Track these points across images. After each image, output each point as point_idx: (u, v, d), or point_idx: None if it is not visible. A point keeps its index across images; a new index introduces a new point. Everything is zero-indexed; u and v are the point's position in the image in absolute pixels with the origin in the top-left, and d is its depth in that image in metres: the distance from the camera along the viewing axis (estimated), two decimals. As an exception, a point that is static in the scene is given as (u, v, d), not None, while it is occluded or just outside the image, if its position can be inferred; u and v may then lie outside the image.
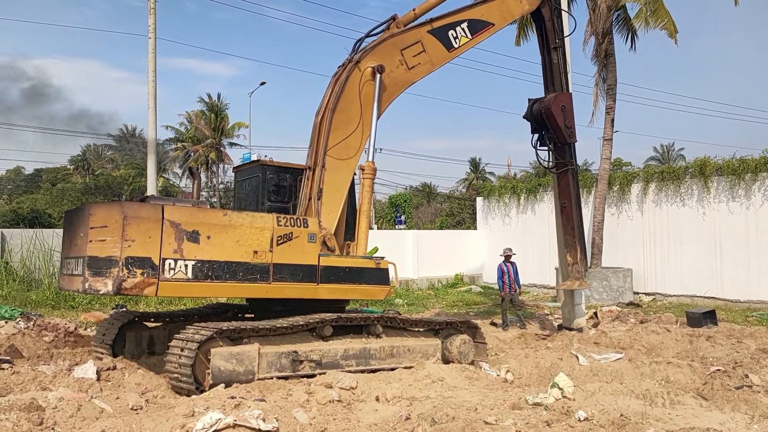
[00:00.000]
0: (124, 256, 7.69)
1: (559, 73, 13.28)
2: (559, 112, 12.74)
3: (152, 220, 7.95)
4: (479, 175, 67.90)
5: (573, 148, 13.43)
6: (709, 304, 17.79)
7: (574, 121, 13.10)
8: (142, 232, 7.85)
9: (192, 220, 8.28)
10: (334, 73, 10.86)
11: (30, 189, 54.41)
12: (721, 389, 7.91)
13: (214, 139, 54.78)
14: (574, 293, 13.65)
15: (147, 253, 7.85)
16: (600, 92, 22.11)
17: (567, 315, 14.05)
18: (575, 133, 13.11)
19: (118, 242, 7.70)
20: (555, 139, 13.15)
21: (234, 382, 7.78)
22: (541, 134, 13.40)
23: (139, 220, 7.87)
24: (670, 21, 20.88)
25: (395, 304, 18.62)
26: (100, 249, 7.76)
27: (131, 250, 7.74)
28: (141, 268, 7.79)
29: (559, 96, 12.93)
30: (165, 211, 8.09)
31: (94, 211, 8.05)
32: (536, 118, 13.14)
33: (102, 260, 7.72)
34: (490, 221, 27.07)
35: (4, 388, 7.56)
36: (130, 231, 7.77)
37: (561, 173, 13.40)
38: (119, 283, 7.65)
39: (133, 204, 8.30)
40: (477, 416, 6.44)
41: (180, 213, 8.25)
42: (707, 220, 19.75)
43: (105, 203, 9.16)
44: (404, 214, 45.84)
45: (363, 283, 9.86)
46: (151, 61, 20.07)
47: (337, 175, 10.17)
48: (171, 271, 8.00)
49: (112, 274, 7.66)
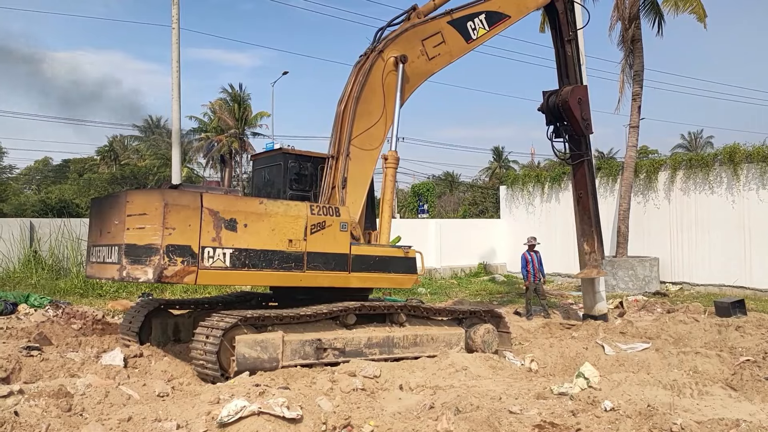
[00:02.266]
0: (165, 244, 7.63)
1: (574, 66, 13.47)
2: (576, 105, 12.94)
3: (192, 208, 7.89)
4: (502, 163, 67.40)
5: (588, 139, 13.68)
6: (738, 294, 17.52)
7: (590, 113, 13.32)
8: (182, 219, 7.79)
9: (230, 208, 8.25)
10: (356, 62, 10.81)
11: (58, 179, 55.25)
12: (750, 380, 7.77)
13: (237, 129, 55.07)
14: (594, 281, 13.90)
15: (187, 241, 7.79)
16: (626, 78, 21.77)
17: (588, 303, 14.31)
18: (591, 125, 13.39)
19: (159, 230, 7.63)
20: (571, 131, 13.37)
21: (258, 370, 7.83)
22: (556, 126, 13.59)
23: (179, 208, 7.81)
24: (699, 5, 20.49)
25: (418, 293, 18.60)
26: (139, 237, 7.75)
27: (172, 238, 7.68)
28: (181, 256, 7.75)
29: (576, 89, 13.07)
30: (204, 199, 8.04)
31: (131, 198, 8.04)
32: (552, 110, 13.34)
33: (141, 248, 7.71)
34: (513, 210, 26.86)
35: (34, 374, 7.69)
36: (171, 219, 7.70)
37: (577, 164, 13.64)
38: (160, 271, 7.60)
39: (173, 191, 8.21)
40: (501, 405, 6.39)
41: (218, 201, 8.21)
42: (736, 208, 19.39)
43: (143, 190, 9.15)
44: (427, 203, 45.70)
45: (392, 271, 9.85)
46: (174, 51, 20.16)
47: (361, 164, 10.15)
48: (210, 259, 7.98)
49: (153, 262, 7.63)
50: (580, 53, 13.73)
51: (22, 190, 54.01)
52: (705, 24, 20.74)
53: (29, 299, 13.75)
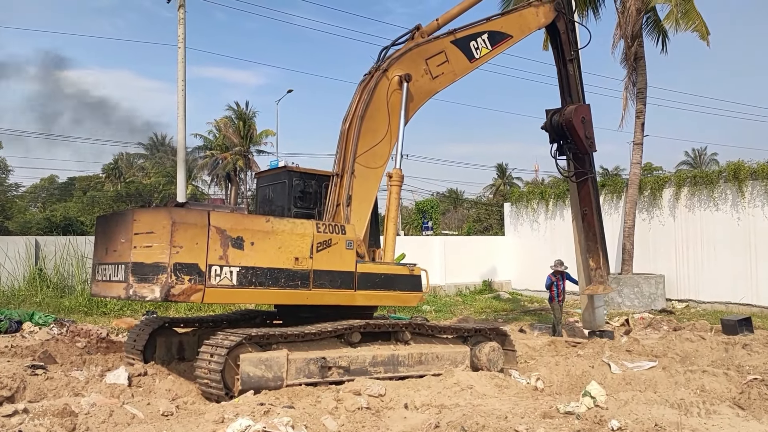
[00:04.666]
0: (173, 263, 7.62)
1: (576, 85, 13.63)
2: (580, 124, 13.08)
3: (199, 226, 7.90)
4: (506, 180, 67.46)
5: (592, 156, 13.80)
6: (745, 311, 17.40)
7: (594, 131, 13.44)
8: (189, 238, 7.79)
9: (237, 226, 8.25)
10: (360, 80, 10.91)
11: (63, 197, 55.51)
12: (758, 398, 7.71)
13: (242, 147, 55.34)
14: (593, 297, 13.92)
15: (194, 260, 7.79)
16: (630, 96, 21.78)
17: (587, 318, 14.35)
18: (595, 144, 13.52)
19: (167, 248, 7.62)
20: (575, 149, 13.48)
21: (263, 389, 7.79)
22: (560, 144, 13.73)
23: (187, 226, 7.81)
24: (701, 23, 20.55)
25: (423, 310, 18.54)
26: (146, 255, 7.74)
27: (179, 256, 7.67)
28: (188, 274, 7.74)
29: (579, 108, 13.19)
30: (211, 217, 8.04)
31: (138, 216, 8.05)
32: (556, 129, 13.47)
33: (148, 266, 7.71)
34: (518, 227, 26.82)
35: (38, 393, 7.67)
36: (178, 237, 7.70)
37: (581, 182, 13.75)
38: (167, 289, 7.59)
39: (180, 210, 8.23)
40: (507, 425, 6.35)
41: (225, 219, 8.22)
42: (742, 225, 19.32)
43: (149, 209, 9.14)
44: (431, 220, 45.70)
45: (397, 289, 9.85)
46: (180, 70, 20.37)
47: (366, 182, 10.19)
48: (217, 277, 7.97)
49: (160, 280, 7.62)
50: (581, 72, 13.83)
51: (28, 207, 54.24)
52: (708, 42, 20.78)
53: (34, 317, 13.77)
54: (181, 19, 20.66)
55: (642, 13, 20.89)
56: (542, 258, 23.88)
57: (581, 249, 14.25)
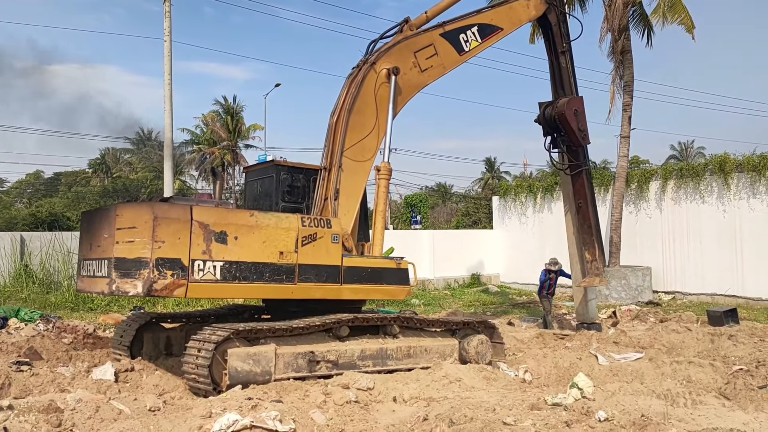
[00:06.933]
0: (155, 258, 7.59)
1: (569, 77, 13.55)
2: (573, 116, 13.00)
3: (182, 221, 7.86)
4: (495, 174, 67.62)
5: (585, 149, 13.72)
6: (730, 303, 17.56)
7: (587, 123, 13.36)
8: (171, 232, 7.76)
9: (220, 220, 8.21)
10: (348, 74, 10.85)
11: (49, 193, 55.02)
12: (743, 389, 7.78)
13: (230, 142, 55.02)
14: (587, 289, 13.91)
15: (177, 254, 7.76)
16: (617, 89, 21.89)
17: (581, 311, 14.36)
18: (588, 136, 13.44)
19: (149, 243, 7.59)
20: (568, 142, 13.42)
21: (251, 383, 7.77)
22: (553, 137, 13.67)
23: (169, 221, 7.77)
24: (687, 16, 20.66)
25: (411, 304, 18.56)
26: (129, 250, 7.70)
27: (161, 251, 7.64)
28: (171, 269, 7.71)
29: (572, 101, 13.12)
30: (194, 212, 8.00)
31: (120, 211, 7.99)
32: (549, 122, 13.40)
33: (131, 261, 7.67)
34: (506, 221, 26.90)
35: (24, 390, 7.62)
36: (161, 232, 7.66)
37: (575, 174, 13.66)
38: (150, 284, 7.55)
39: (162, 204, 8.20)
40: (495, 417, 6.38)
41: (208, 213, 8.18)
42: (727, 217, 19.49)
43: (132, 204, 9.07)
44: (420, 215, 45.73)
45: (384, 283, 9.83)
46: (166, 64, 20.21)
47: (354, 176, 10.15)
48: (200, 272, 7.93)
49: (142, 275, 7.59)
50: (573, 64, 13.76)
51: (13, 203, 53.71)
52: (693, 35, 20.92)
53: (19, 313, 13.64)
54: (167, 12, 20.48)
55: (629, 7, 21.00)
56: (530, 251, 24.08)
57: (575, 241, 14.22)
